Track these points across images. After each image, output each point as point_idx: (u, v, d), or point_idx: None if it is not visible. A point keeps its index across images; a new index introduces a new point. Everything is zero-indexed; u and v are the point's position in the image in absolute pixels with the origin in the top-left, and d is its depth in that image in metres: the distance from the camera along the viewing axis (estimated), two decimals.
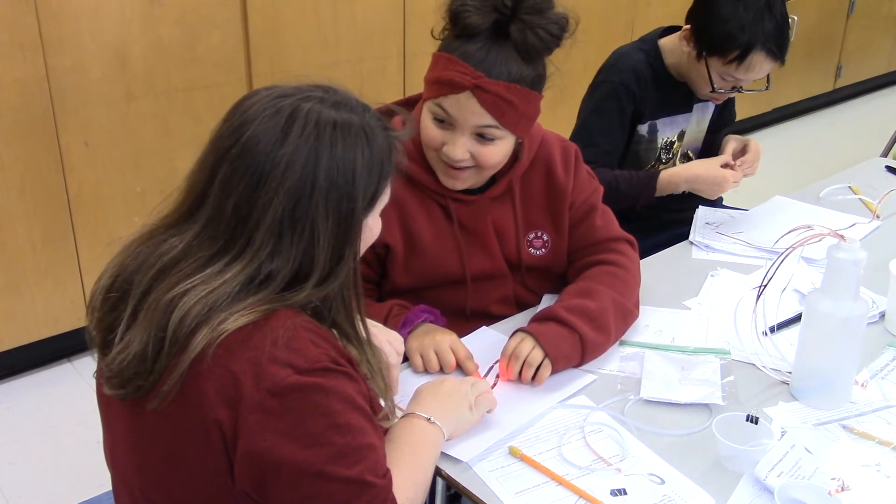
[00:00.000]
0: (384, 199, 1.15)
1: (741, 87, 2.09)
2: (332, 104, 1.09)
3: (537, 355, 1.45)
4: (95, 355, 1.14)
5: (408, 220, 1.59)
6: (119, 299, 1.09)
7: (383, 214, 1.19)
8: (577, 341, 1.48)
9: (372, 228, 1.16)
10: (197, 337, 1.01)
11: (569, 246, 1.69)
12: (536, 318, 1.53)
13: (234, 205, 1.04)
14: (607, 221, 1.71)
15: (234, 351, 1.02)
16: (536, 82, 1.49)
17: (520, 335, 1.49)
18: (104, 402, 1.17)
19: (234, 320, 1.02)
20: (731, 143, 2.19)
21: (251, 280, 1.04)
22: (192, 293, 1.02)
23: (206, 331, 1.01)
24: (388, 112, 1.28)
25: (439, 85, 1.47)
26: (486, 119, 1.46)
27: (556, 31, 1.46)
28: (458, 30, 1.46)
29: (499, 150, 1.52)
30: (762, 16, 1.96)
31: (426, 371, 1.49)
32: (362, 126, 1.09)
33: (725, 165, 2.07)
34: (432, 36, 1.51)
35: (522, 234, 1.65)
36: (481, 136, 1.49)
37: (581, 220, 1.68)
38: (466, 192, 1.60)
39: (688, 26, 2.07)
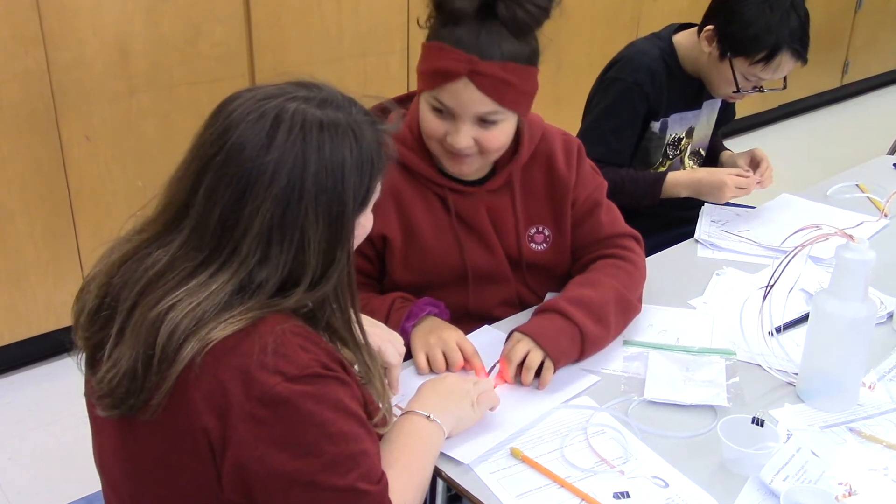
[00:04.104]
0: (375, 196, 1.13)
1: (762, 87, 2.08)
2: (317, 103, 1.06)
3: (536, 357, 1.43)
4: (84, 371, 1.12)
5: (406, 210, 1.57)
6: (108, 318, 1.07)
7: (381, 205, 1.16)
8: (576, 334, 1.46)
9: (364, 225, 1.14)
10: (185, 349, 0.99)
11: (574, 243, 1.67)
12: (538, 311, 1.51)
13: (219, 214, 1.02)
14: (613, 218, 1.69)
15: (222, 359, 1.00)
16: (532, 57, 1.46)
17: (516, 336, 1.47)
18: (94, 410, 1.15)
19: (222, 328, 1.00)
20: (740, 158, 2.23)
21: (241, 289, 1.02)
22: (178, 307, 1.00)
23: (193, 341, 0.99)
24: (383, 109, 1.26)
25: (434, 76, 1.44)
26: (486, 105, 1.43)
27: (544, 3, 1.42)
28: (444, 17, 1.43)
29: (502, 133, 1.49)
30: (788, 16, 1.95)
31: (432, 371, 1.47)
32: (349, 124, 1.06)
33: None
34: (418, 25, 1.48)
35: (523, 228, 1.63)
36: (483, 121, 1.47)
37: (586, 217, 1.66)
38: (465, 183, 1.58)
39: (710, 27, 2.04)
